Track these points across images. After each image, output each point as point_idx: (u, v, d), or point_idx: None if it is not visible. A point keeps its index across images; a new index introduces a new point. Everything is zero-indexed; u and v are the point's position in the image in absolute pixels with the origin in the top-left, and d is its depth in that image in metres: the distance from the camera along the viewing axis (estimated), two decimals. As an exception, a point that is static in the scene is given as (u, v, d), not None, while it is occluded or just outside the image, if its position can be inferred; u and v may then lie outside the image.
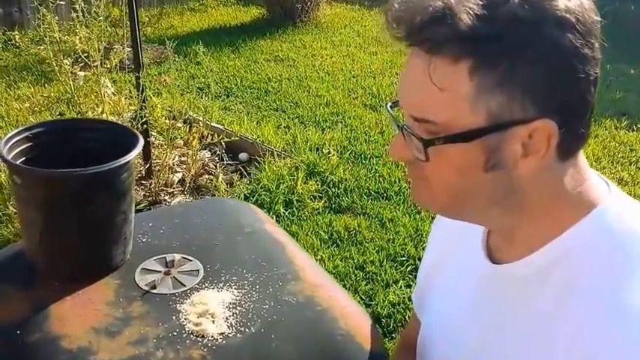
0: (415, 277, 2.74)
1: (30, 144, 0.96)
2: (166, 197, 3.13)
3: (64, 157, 0.95)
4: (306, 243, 2.93)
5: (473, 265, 0.86)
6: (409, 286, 2.68)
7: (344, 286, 2.71)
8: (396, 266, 2.80)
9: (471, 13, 0.65)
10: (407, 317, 2.48)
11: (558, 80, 0.67)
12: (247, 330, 0.88)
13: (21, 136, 0.95)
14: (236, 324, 0.88)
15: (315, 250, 2.89)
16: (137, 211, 3.09)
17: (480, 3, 0.65)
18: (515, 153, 0.69)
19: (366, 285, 2.68)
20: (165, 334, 0.86)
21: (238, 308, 0.91)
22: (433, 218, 3.47)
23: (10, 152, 0.91)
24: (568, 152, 0.72)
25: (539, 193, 0.73)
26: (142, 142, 0.95)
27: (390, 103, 0.77)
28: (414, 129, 0.71)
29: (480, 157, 0.69)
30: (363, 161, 3.70)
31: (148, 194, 3.12)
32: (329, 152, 3.66)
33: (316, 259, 2.83)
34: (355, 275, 2.74)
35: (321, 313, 0.92)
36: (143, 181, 3.20)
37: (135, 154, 0.92)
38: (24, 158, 0.94)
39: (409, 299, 2.58)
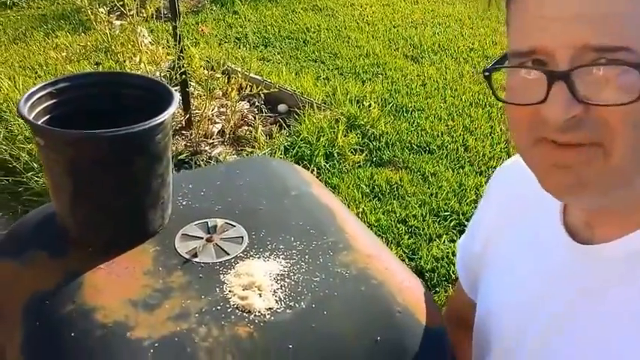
0: (459, 232, 2.66)
1: (54, 101, 0.87)
2: (207, 148, 3.08)
3: (92, 115, 0.87)
4: (348, 196, 2.86)
5: (548, 241, 0.76)
6: (453, 241, 2.60)
7: (386, 240, 2.64)
8: (439, 221, 2.72)
9: None
10: (451, 272, 2.41)
11: None
12: (297, 305, 0.80)
13: (44, 92, 0.86)
14: (285, 298, 0.81)
15: (357, 203, 2.82)
16: (179, 161, 3.04)
17: None
18: None
19: (408, 239, 2.61)
20: (208, 308, 0.79)
21: (287, 280, 0.84)
22: (478, 174, 3.35)
23: (32, 110, 0.83)
24: None
25: None
26: (177, 100, 0.86)
27: (524, 50, 0.61)
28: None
29: None
30: (405, 114, 3.58)
31: (188, 144, 3.07)
32: (369, 105, 3.54)
33: (358, 212, 2.76)
34: (397, 229, 2.67)
35: (376, 288, 0.83)
36: (183, 132, 3.16)
37: (170, 113, 0.83)
38: (48, 117, 0.86)
39: (453, 254, 2.50)
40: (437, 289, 2.36)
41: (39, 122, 0.83)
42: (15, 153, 2.91)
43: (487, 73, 0.65)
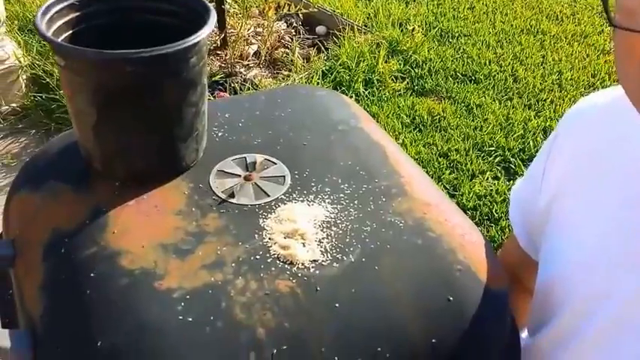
0: (503, 169, 2.54)
1: (77, 14, 0.75)
2: (242, 70, 2.96)
3: (119, 33, 0.76)
4: (387, 126, 2.74)
5: (634, 201, 0.65)
6: (496, 178, 2.49)
7: (426, 174, 2.53)
8: (483, 156, 2.59)
9: None
10: (493, 211, 2.30)
11: None
12: (345, 258, 0.71)
13: (65, 4, 0.74)
14: (331, 249, 0.72)
15: (397, 133, 2.70)
16: (212, 82, 2.95)
17: None
18: None
19: (450, 174, 2.50)
20: (246, 256, 0.70)
21: (334, 229, 0.74)
22: (527, 107, 3.17)
23: (51, 25, 0.72)
24: None
25: None
26: (214, 17, 0.74)
27: None
28: None
29: None
30: (450, 40, 3.39)
31: (223, 65, 2.96)
32: (413, 29, 3.34)
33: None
34: (439, 163, 2.56)
35: (434, 241, 0.74)
36: (218, 52, 3.04)
37: (207, 33, 0.72)
38: (70, 33, 0.75)
39: (496, 192, 2.39)
40: (478, 228, 2.27)
41: (59, 39, 0.73)
42: (48, 69, 2.83)
43: None
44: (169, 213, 0.76)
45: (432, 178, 2.46)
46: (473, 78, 3.08)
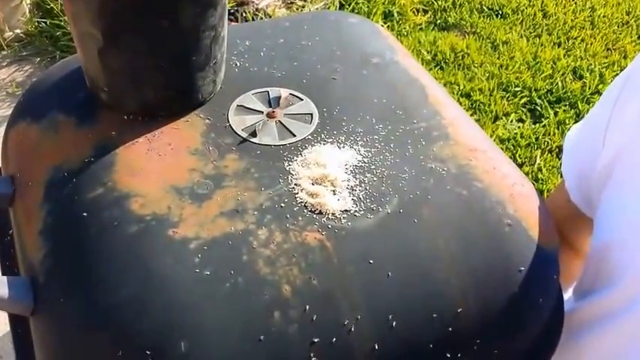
0: (529, 110, 2.42)
1: None
2: (254, -1, 2.82)
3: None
4: (407, 63, 2.61)
5: None
6: (521, 121, 2.38)
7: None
8: (508, 97, 2.48)
9: None
10: (517, 156, 2.21)
11: None
12: (380, 209, 0.63)
13: None
14: (365, 199, 0.64)
15: (417, 71, 2.57)
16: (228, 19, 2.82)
17: None
18: None
19: (472, 115, 2.39)
20: (269, 204, 0.63)
21: (367, 175, 0.66)
22: (556, 45, 3.00)
23: None
24: None
25: None
26: None
27: None
28: None
29: None
30: (478, -31, 3.20)
31: (234, -7, 2.82)
32: (439, -44, 3.16)
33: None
34: (461, 104, 2.44)
35: (481, 193, 0.66)
36: (229, -22, 2.88)
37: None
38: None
39: (521, 136, 2.29)
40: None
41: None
42: None
43: None
44: (184, 152, 0.68)
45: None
46: (500, 12, 2.93)
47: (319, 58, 0.81)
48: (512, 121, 2.37)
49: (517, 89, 2.49)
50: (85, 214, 0.62)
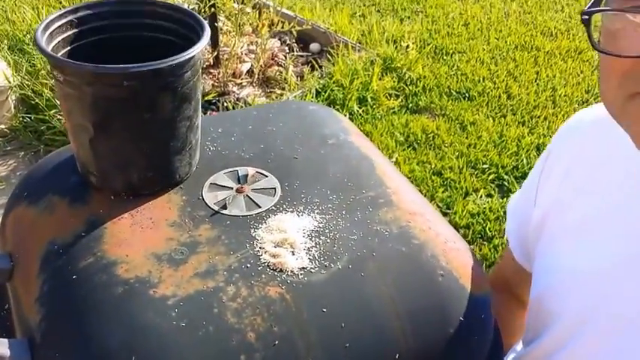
0: (497, 186, 2.56)
1: (75, 31, 0.79)
2: (234, 89, 2.99)
3: (116, 48, 0.79)
4: (381, 144, 2.77)
5: (627, 210, 0.68)
6: (490, 196, 2.51)
7: (420, 192, 2.55)
8: (477, 174, 2.62)
9: None
10: (487, 229, 2.33)
11: None
12: (332, 265, 0.73)
13: (64, 21, 0.78)
14: (319, 257, 0.74)
15: (390, 152, 2.73)
16: (206, 103, 2.96)
17: None
18: None
19: (443, 192, 2.52)
20: (237, 265, 0.73)
21: (322, 238, 0.77)
22: (521, 124, 3.19)
23: (51, 41, 0.75)
24: None
25: None
26: (208, 33, 0.78)
27: None
28: None
29: None
30: (444, 57, 3.43)
31: (216, 84, 2.99)
32: (407, 46, 3.39)
33: (391, 162, 2.67)
34: (432, 181, 2.58)
35: (418, 248, 0.76)
36: (211, 70, 3.07)
37: (201, 48, 0.75)
38: (68, 49, 0.79)
39: (490, 210, 2.42)
40: (471, 246, 2.29)
41: (58, 55, 0.76)
42: (38, 89, 2.80)
43: (586, 17, 0.55)
44: (163, 224, 0.79)
45: (425, 196, 2.49)
46: (467, 95, 3.12)
47: (283, 141, 0.94)
48: (481, 197, 2.50)
49: (485, 166, 2.64)
50: (77, 280, 0.72)
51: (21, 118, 2.83)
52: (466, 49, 3.47)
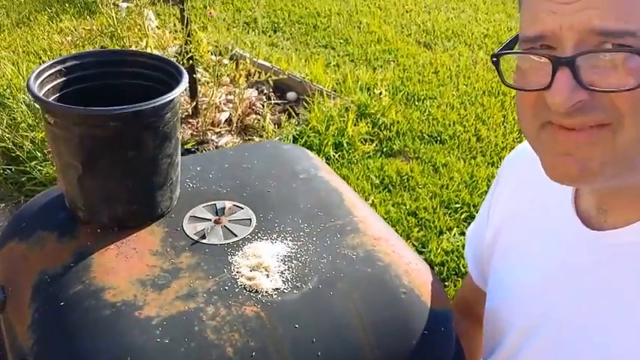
0: (469, 224, 2.65)
1: (64, 79, 0.87)
2: (213, 137, 3.07)
3: (101, 93, 0.87)
4: (357, 187, 2.85)
5: (560, 230, 0.76)
6: (463, 234, 2.59)
7: (396, 232, 2.62)
8: (450, 213, 2.71)
9: None
10: (461, 265, 2.40)
11: None
12: (304, 286, 0.80)
13: (53, 70, 0.86)
14: (292, 279, 0.81)
15: (367, 194, 2.81)
16: (185, 151, 3.04)
17: None
18: None
19: (418, 232, 2.60)
20: (216, 288, 0.79)
21: (294, 262, 0.84)
22: (490, 164, 3.31)
23: (42, 88, 0.83)
24: None
25: None
26: (186, 78, 0.86)
27: (532, 34, 0.61)
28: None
29: None
30: (416, 103, 3.56)
31: (195, 133, 3.07)
32: (380, 93, 3.52)
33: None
34: (407, 222, 2.66)
35: (382, 269, 0.83)
36: (190, 120, 3.16)
37: (179, 92, 0.83)
38: (57, 95, 0.87)
39: (463, 247, 2.49)
40: (446, 283, 2.35)
41: (49, 100, 0.83)
42: (18, 141, 2.82)
43: (495, 59, 0.65)
44: (147, 254, 0.85)
45: (400, 236, 2.56)
46: (438, 138, 3.24)
47: (257, 177, 1.01)
48: (455, 235, 2.57)
49: (457, 206, 2.73)
50: (67, 305, 0.78)
51: (1, 170, 2.86)
52: (437, 95, 3.61)
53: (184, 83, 0.85)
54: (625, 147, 0.59)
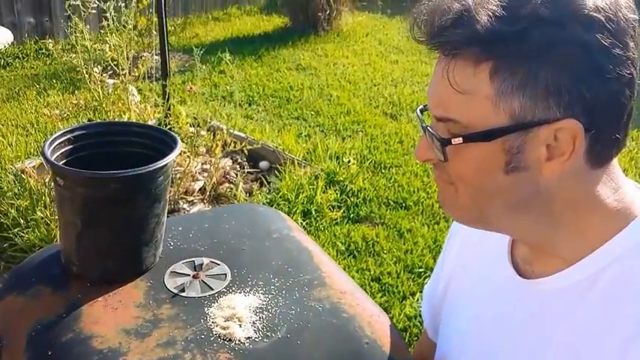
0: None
1: (71, 146, 0.99)
2: (185, 205, 3.14)
3: (102, 159, 0.98)
4: (324, 252, 2.92)
5: (498, 279, 0.85)
6: (427, 298, 2.67)
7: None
8: (414, 278, 2.80)
9: (491, 14, 0.63)
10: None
11: (585, 81, 0.64)
12: (274, 335, 0.89)
13: (63, 138, 0.98)
14: (263, 328, 0.90)
15: (333, 259, 2.88)
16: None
17: (501, 4, 0.64)
18: (539, 156, 0.67)
19: (381, 297, 2.68)
20: (193, 336, 0.88)
21: (265, 313, 0.93)
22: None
23: (54, 154, 0.94)
24: (600, 158, 0.70)
25: (568, 201, 0.71)
26: (179, 145, 0.97)
27: (421, 107, 0.79)
28: (435, 129, 0.71)
29: (501, 159, 0.69)
30: (383, 170, 3.71)
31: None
32: (349, 161, 3.67)
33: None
34: (371, 287, 2.74)
35: (347, 321, 0.93)
36: (163, 189, 3.22)
37: (173, 157, 0.94)
38: (65, 160, 0.97)
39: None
40: (409, 349, 2.41)
41: (60, 164, 0.94)
42: (4, 209, 2.92)
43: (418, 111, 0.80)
44: (131, 305, 0.94)
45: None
46: (403, 204, 3.37)
47: (233, 236, 1.11)
48: (418, 300, 2.66)
49: (421, 270, 2.83)
50: (58, 352, 0.85)
51: (-17, 237, 2.88)
52: (402, 163, 3.77)
53: (178, 149, 0.96)
54: (464, 204, 0.75)
